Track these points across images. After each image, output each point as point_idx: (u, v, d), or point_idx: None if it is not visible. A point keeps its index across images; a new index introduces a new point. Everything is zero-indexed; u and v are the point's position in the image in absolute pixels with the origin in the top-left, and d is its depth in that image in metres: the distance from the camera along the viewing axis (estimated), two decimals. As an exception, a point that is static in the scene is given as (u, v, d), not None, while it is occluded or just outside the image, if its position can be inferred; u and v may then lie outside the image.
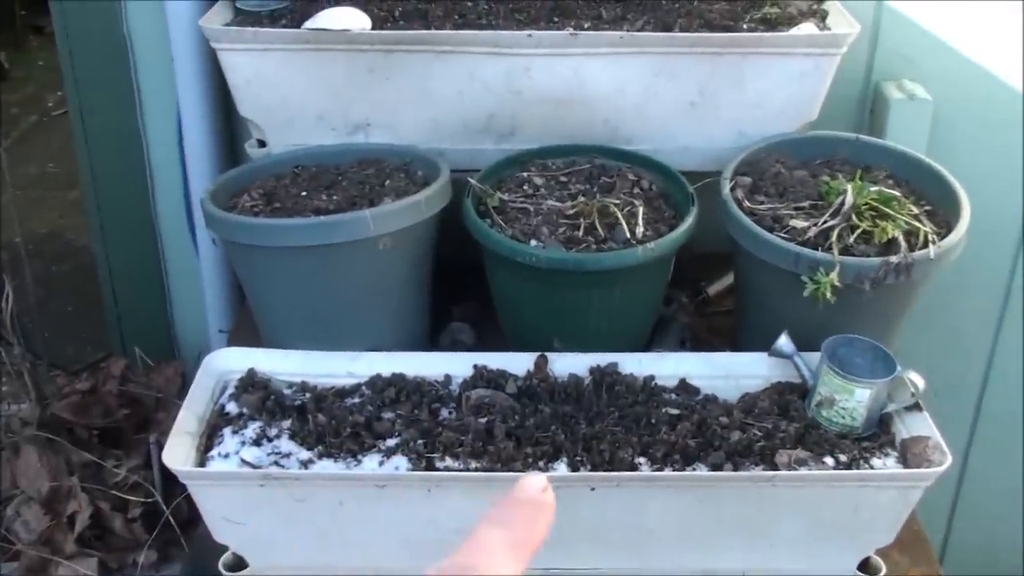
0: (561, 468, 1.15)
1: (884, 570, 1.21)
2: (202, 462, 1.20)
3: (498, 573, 0.50)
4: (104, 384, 1.93)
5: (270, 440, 1.21)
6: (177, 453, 1.18)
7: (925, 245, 1.29)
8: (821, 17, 1.54)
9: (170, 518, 1.73)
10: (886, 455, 1.19)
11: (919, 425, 1.21)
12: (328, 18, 1.46)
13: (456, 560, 0.50)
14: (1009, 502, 2.14)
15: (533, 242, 1.33)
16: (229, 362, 1.33)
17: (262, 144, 1.56)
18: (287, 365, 1.33)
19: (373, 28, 1.47)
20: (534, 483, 0.54)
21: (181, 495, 1.72)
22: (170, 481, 1.70)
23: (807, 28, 1.49)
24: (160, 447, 1.78)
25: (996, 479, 2.12)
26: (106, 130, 1.84)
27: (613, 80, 1.47)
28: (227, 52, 1.48)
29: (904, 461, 1.18)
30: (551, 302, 1.36)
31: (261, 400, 1.26)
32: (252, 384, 1.29)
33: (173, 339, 2.07)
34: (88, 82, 1.84)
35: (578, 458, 1.17)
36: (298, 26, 1.48)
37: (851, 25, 1.48)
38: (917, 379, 1.21)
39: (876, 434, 1.22)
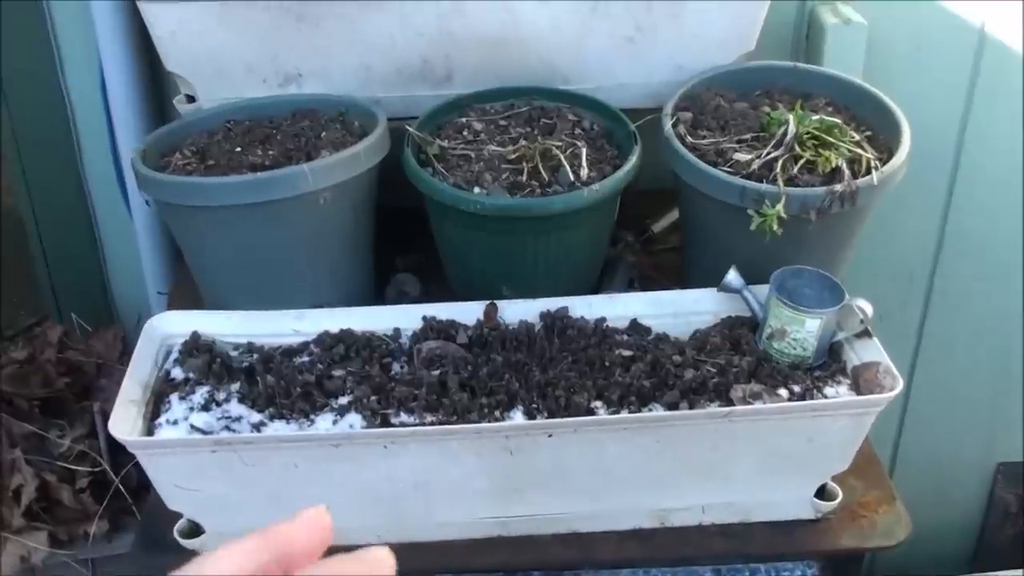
0: (517, 416, 1.14)
1: (840, 496, 1.22)
2: (150, 430, 1.17)
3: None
4: (42, 352, 1.88)
5: (219, 404, 1.19)
6: (123, 423, 1.15)
7: (868, 172, 1.28)
8: (754, -56, 1.52)
9: (120, 487, 1.69)
10: (838, 383, 1.20)
11: (869, 351, 1.21)
12: (251, -35, 1.41)
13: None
14: (952, 416, 2.19)
15: (476, 189, 1.31)
16: (171, 326, 1.29)
17: (191, 99, 1.51)
18: (231, 326, 1.30)
19: (299, -26, 1.42)
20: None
21: (130, 463, 1.69)
22: (117, 449, 1.67)
23: (741, -44, 1.47)
24: (104, 416, 1.74)
25: (940, 395, 2.16)
26: (26, 89, 1.77)
27: (548, 18, 1.44)
28: (148, 3, 1.42)
29: (856, 388, 1.18)
30: (498, 249, 1.35)
31: (207, 364, 1.23)
32: (196, 347, 1.26)
33: (111, 303, 2.02)
34: (4, 40, 1.76)
35: (534, 405, 1.16)
36: (220, -25, 1.43)
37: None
38: (865, 306, 1.21)
39: (827, 363, 1.22)
